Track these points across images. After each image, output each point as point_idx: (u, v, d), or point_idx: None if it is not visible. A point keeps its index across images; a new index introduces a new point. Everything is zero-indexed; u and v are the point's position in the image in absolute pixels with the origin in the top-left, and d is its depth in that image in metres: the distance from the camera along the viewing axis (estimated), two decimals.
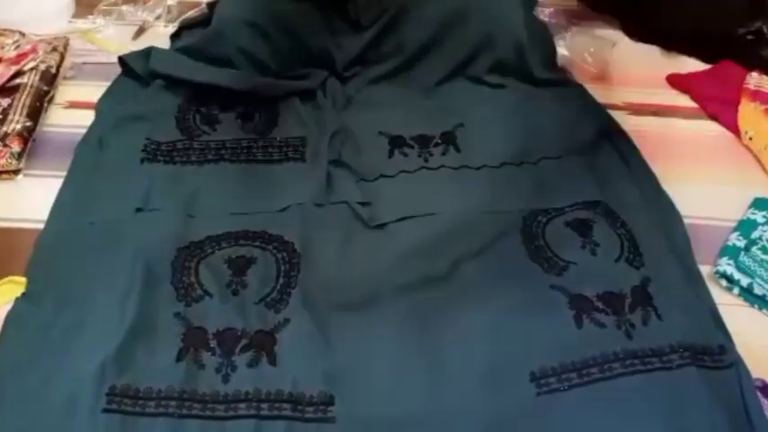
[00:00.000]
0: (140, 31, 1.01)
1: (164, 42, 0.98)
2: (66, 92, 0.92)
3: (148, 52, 0.91)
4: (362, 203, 0.75)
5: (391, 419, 0.58)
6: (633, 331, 0.63)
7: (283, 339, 0.63)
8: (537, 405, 0.59)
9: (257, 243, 0.71)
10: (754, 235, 0.75)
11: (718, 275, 0.71)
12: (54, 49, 0.92)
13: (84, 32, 1.00)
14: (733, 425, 0.57)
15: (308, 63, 0.91)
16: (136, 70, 0.90)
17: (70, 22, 1.04)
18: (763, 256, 0.72)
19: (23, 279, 0.66)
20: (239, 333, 0.63)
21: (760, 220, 0.77)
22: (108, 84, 0.91)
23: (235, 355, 0.61)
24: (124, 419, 0.56)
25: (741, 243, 0.74)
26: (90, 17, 1.02)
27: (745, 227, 0.77)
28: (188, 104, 0.87)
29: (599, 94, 0.93)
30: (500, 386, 0.60)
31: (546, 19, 1.05)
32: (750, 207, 0.79)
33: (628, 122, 0.90)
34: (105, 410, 0.57)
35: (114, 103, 0.87)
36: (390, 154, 0.82)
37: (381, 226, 0.73)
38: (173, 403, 0.58)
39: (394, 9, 0.91)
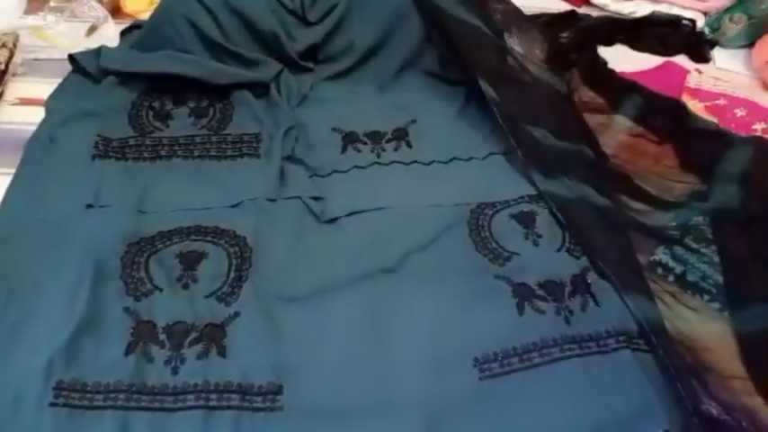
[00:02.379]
0: (93, 28, 1.00)
1: (116, 40, 0.98)
2: (15, 89, 0.90)
3: (99, 51, 0.90)
4: (315, 198, 0.77)
5: (338, 407, 0.59)
6: (572, 317, 0.66)
7: (233, 332, 0.64)
8: (480, 389, 0.61)
9: (209, 238, 0.72)
10: (690, 226, 0.79)
11: (655, 264, 0.75)
12: (3, 46, 0.91)
13: (35, 29, 0.99)
14: (665, 404, 0.61)
15: (259, 47, 0.91)
16: (87, 69, 0.89)
17: (21, 18, 1.02)
18: (696, 245, 0.76)
19: None
20: (189, 326, 0.63)
21: (696, 211, 0.81)
22: (59, 80, 0.90)
23: (184, 348, 0.62)
24: (71, 413, 0.57)
25: (677, 233, 0.78)
26: (41, 14, 1.01)
27: (682, 218, 0.80)
28: (141, 101, 0.87)
29: None
30: (444, 372, 0.62)
31: (498, 16, 1.07)
32: (688, 199, 0.83)
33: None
34: (52, 405, 0.57)
35: (65, 99, 0.87)
36: (343, 150, 0.84)
37: (333, 220, 0.75)
38: (121, 396, 0.58)
39: (341, 7, 0.92)
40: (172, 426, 0.57)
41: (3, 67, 0.89)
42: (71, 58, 0.91)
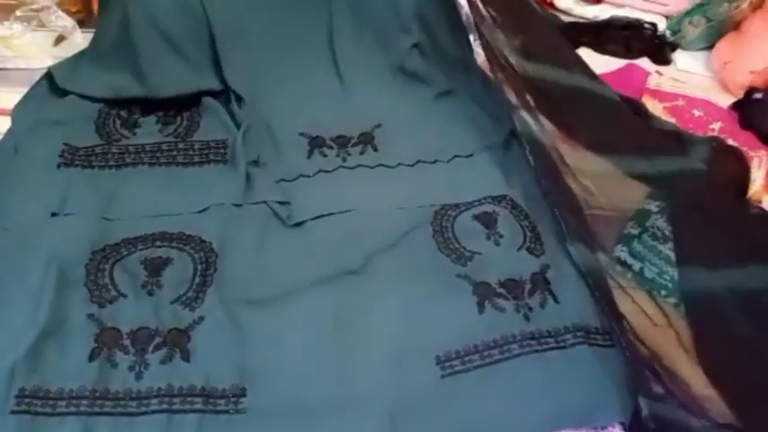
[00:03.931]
0: (60, 38, 1.01)
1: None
2: None
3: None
4: (281, 203, 0.78)
5: (301, 407, 0.60)
6: (531, 314, 0.68)
7: (197, 336, 0.64)
8: (441, 387, 0.63)
9: (174, 244, 0.72)
10: (648, 223, 0.81)
11: (614, 261, 0.77)
12: None
13: (2, 38, 0.99)
14: (621, 397, 0.62)
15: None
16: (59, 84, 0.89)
17: None
18: (653, 242, 0.78)
19: None
20: (153, 332, 0.64)
21: (654, 209, 0.83)
22: (26, 90, 0.90)
23: (148, 353, 0.62)
24: (33, 420, 0.57)
25: (635, 231, 0.80)
26: (6, 23, 1.01)
27: (640, 216, 0.83)
28: (108, 109, 0.88)
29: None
30: (407, 370, 0.63)
31: (464, 18, 1.09)
32: (646, 198, 0.86)
33: (533, 125, 0.94)
34: (13, 412, 0.57)
35: (31, 108, 0.87)
36: (310, 154, 0.85)
37: (299, 224, 0.76)
38: (84, 402, 0.58)
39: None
40: (135, 430, 0.57)
41: None
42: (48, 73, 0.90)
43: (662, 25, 1.17)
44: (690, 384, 0.63)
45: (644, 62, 1.11)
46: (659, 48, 1.14)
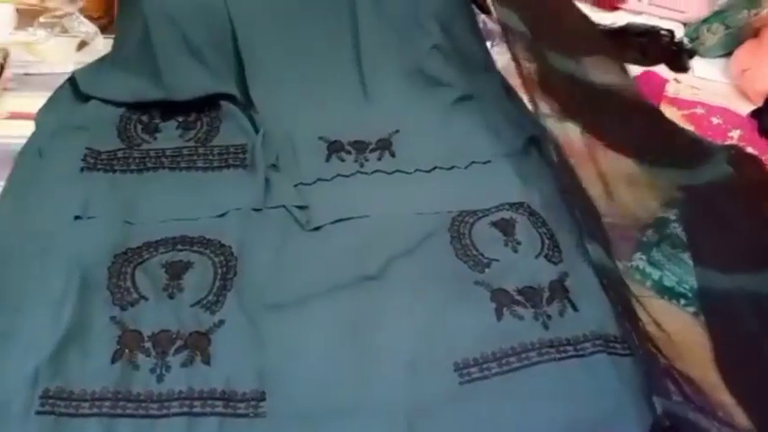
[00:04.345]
0: (83, 43, 1.02)
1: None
2: (6, 103, 0.92)
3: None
4: (300, 207, 0.78)
5: (320, 412, 0.61)
6: (549, 322, 0.68)
7: (218, 340, 0.65)
8: (460, 393, 0.63)
9: (195, 248, 0.73)
10: (666, 231, 0.81)
11: (632, 270, 0.77)
12: None
13: (26, 44, 1.00)
14: (639, 407, 0.62)
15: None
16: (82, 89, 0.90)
17: (11, 34, 1.04)
18: (672, 251, 0.77)
19: None
20: (174, 335, 0.65)
21: (672, 217, 0.83)
22: (49, 95, 0.91)
23: (169, 356, 0.63)
24: (57, 420, 0.58)
25: (654, 239, 0.80)
26: (31, 29, 1.02)
27: (659, 224, 0.82)
28: (130, 114, 0.89)
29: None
30: (425, 376, 0.63)
31: (481, 24, 1.10)
32: (664, 206, 0.85)
33: (556, 128, 0.95)
34: (38, 413, 0.58)
35: (55, 113, 0.88)
36: (328, 158, 0.86)
37: (317, 228, 0.76)
38: (106, 403, 0.59)
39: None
40: None
41: None
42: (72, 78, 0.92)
43: (679, 32, 1.17)
44: (709, 393, 0.62)
45: (661, 69, 1.11)
46: (677, 55, 1.14)
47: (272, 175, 0.81)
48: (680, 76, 1.09)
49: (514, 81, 1.02)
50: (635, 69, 1.10)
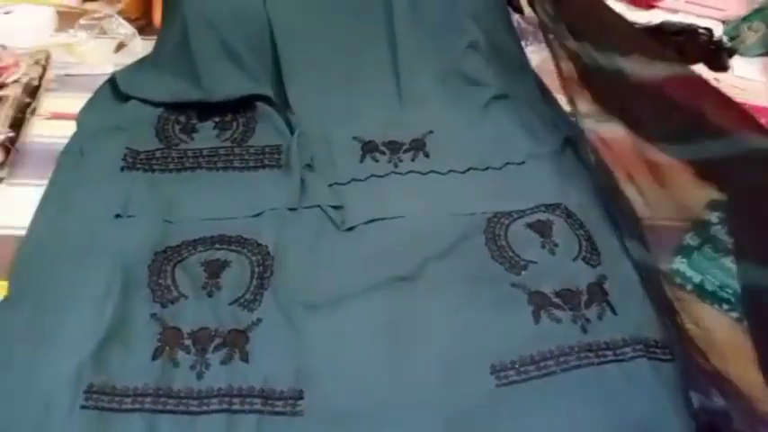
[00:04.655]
0: (121, 45, 1.04)
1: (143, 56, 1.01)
2: (48, 103, 0.94)
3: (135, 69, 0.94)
4: (335, 207, 0.78)
5: (357, 412, 0.61)
6: (588, 326, 0.67)
7: (255, 338, 0.65)
8: (496, 396, 0.62)
9: (232, 247, 0.74)
10: (708, 234, 0.79)
11: (672, 273, 0.75)
12: (36, 62, 0.95)
13: (66, 46, 1.03)
14: (680, 414, 0.61)
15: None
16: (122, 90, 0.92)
17: (52, 35, 1.07)
18: (714, 254, 0.76)
19: (5, 283, 0.69)
20: (213, 332, 0.65)
21: (714, 220, 0.81)
22: (89, 95, 0.93)
23: (208, 353, 0.64)
24: (101, 415, 0.59)
25: (695, 242, 0.78)
26: (71, 31, 1.05)
27: (700, 227, 0.80)
28: (168, 114, 0.90)
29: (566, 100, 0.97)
30: (461, 379, 0.63)
31: (516, 24, 1.09)
32: (705, 208, 0.83)
33: (595, 127, 0.93)
34: (83, 407, 0.59)
35: (95, 114, 0.90)
36: (362, 158, 0.86)
37: (351, 228, 0.77)
38: (148, 399, 0.60)
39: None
40: (197, 429, 0.59)
41: (36, 82, 0.93)
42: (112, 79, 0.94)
43: (718, 30, 1.14)
44: (749, 391, 0.61)
45: (699, 69, 1.09)
46: (715, 54, 1.11)
47: (307, 176, 0.82)
48: (719, 75, 1.07)
49: (548, 80, 1.01)
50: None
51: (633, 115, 0.82)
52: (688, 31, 1.14)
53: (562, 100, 0.96)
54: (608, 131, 0.90)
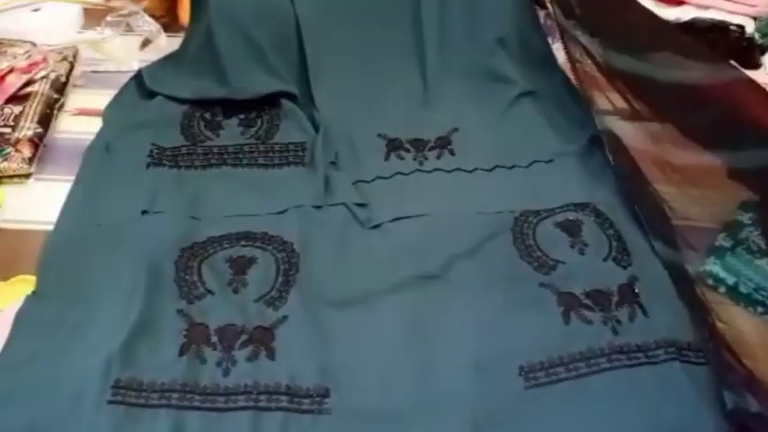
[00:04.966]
0: (146, 42, 1.05)
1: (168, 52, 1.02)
2: (75, 99, 0.95)
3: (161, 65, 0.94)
4: (359, 205, 0.78)
5: (384, 411, 0.60)
6: (619, 327, 0.66)
7: (281, 335, 0.65)
8: (525, 398, 0.61)
9: (258, 244, 0.74)
10: (741, 236, 0.77)
11: (705, 275, 0.73)
12: (64, 59, 0.96)
13: (93, 42, 1.04)
14: (715, 418, 0.59)
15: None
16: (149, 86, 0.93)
17: (79, 32, 1.07)
18: (748, 256, 0.74)
19: (33, 278, 0.69)
20: (239, 329, 0.65)
21: (746, 221, 0.79)
22: (115, 92, 0.94)
23: (235, 350, 0.64)
24: (128, 411, 0.59)
25: (728, 243, 0.76)
26: (98, 28, 1.06)
27: (732, 228, 0.79)
28: (193, 111, 0.90)
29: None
30: (489, 380, 0.62)
31: (542, 20, 1.07)
32: (737, 209, 0.81)
33: (621, 127, 0.92)
34: (110, 402, 0.59)
35: (121, 110, 0.91)
36: (387, 156, 0.85)
37: (376, 226, 0.76)
38: (175, 395, 0.60)
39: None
40: (223, 425, 0.59)
41: (64, 79, 0.93)
42: (139, 73, 0.94)
43: (750, 27, 1.11)
44: None
45: None
46: (747, 51, 1.09)
47: (332, 173, 0.81)
48: (751, 73, 1.04)
49: (575, 78, 0.99)
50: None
51: (666, 115, 0.80)
52: (719, 28, 1.12)
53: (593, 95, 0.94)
54: (630, 131, 0.89)
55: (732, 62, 1.06)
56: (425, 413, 0.60)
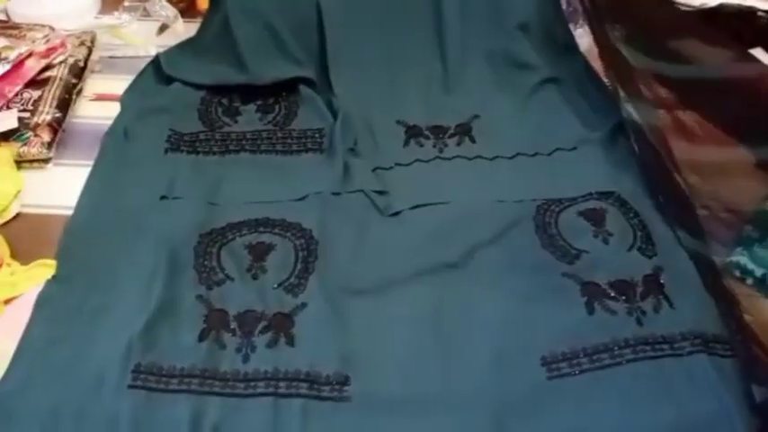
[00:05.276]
0: (163, 27, 1.04)
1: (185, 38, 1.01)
2: (93, 84, 0.95)
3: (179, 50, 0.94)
4: (378, 192, 0.77)
5: (404, 399, 0.59)
6: (644, 318, 0.64)
7: (301, 322, 0.65)
8: (547, 389, 0.60)
9: (276, 230, 0.73)
10: None
11: (732, 266, 0.72)
12: (82, 44, 0.96)
13: (111, 28, 1.03)
14: (742, 411, 0.58)
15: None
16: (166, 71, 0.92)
17: (97, 17, 1.07)
18: None
19: (53, 262, 0.69)
20: (259, 315, 0.65)
21: None
22: (133, 77, 0.93)
23: (254, 336, 0.63)
24: (148, 395, 0.59)
25: (756, 234, 0.74)
26: (115, 13, 1.05)
27: (760, 218, 0.77)
28: (210, 97, 0.90)
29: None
30: (511, 369, 0.61)
31: (564, 6, 1.05)
32: (766, 200, 0.79)
33: (647, 116, 0.89)
34: (131, 386, 0.59)
35: (139, 95, 0.90)
36: (406, 143, 0.84)
37: (396, 214, 0.75)
38: (195, 381, 0.60)
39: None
40: (243, 411, 0.58)
41: (82, 64, 0.93)
42: (156, 58, 0.94)
43: None
44: None
45: (758, 53, 1.03)
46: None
47: (351, 160, 0.81)
48: None
49: (597, 64, 0.97)
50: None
51: (693, 105, 0.78)
52: (746, 14, 1.09)
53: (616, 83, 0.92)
54: (656, 119, 0.87)
55: (759, 49, 1.04)
56: (446, 401, 0.59)
